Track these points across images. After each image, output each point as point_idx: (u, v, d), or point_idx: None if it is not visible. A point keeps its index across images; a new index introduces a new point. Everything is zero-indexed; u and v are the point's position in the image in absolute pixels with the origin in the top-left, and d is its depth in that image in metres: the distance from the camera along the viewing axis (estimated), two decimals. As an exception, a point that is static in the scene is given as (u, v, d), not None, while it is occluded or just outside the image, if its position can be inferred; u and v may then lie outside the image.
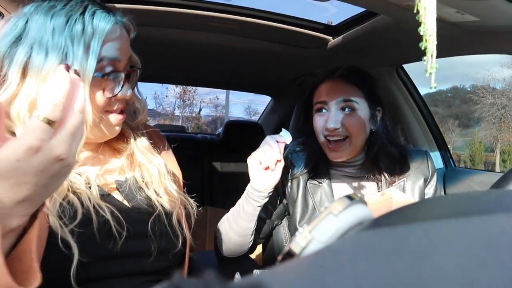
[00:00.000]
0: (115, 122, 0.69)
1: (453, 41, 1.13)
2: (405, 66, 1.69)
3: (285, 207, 1.04)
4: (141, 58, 0.73)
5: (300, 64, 1.89)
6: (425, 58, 0.43)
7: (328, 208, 0.28)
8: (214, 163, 2.60)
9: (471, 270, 0.17)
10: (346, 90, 0.95)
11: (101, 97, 0.64)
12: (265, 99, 3.14)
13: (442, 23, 0.97)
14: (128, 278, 0.65)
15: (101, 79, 0.63)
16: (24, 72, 0.59)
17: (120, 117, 0.69)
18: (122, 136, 0.75)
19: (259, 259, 1.23)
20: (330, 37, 1.53)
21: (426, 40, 0.43)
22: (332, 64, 1.06)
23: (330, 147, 0.95)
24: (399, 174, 0.98)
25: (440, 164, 1.68)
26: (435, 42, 0.43)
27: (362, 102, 0.95)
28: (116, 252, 0.62)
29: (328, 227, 0.27)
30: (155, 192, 0.72)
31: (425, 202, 0.34)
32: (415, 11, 0.44)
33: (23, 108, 0.58)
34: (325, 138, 0.95)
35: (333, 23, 1.54)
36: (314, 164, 1.00)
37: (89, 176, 0.66)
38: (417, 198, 0.99)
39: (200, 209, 0.79)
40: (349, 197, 0.29)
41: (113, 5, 0.74)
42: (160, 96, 22.33)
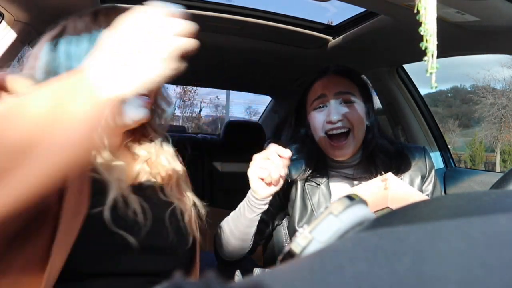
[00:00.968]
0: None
1: (454, 41, 1.13)
2: (406, 66, 1.69)
3: (285, 208, 1.03)
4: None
5: (301, 64, 1.89)
6: (426, 58, 0.43)
7: (329, 208, 0.28)
8: (215, 163, 2.60)
9: (471, 270, 0.17)
10: (343, 84, 0.96)
11: None
12: (266, 99, 3.14)
13: (443, 23, 0.96)
14: (135, 278, 0.64)
15: None
16: None
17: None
18: (144, 137, 0.78)
19: (260, 259, 1.22)
20: (331, 37, 1.53)
21: (427, 40, 0.43)
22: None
23: (333, 145, 0.93)
24: (396, 171, 0.97)
25: (441, 164, 1.68)
26: (436, 42, 0.43)
27: (358, 96, 0.96)
28: (131, 246, 0.62)
29: (329, 227, 0.27)
30: (171, 191, 0.75)
31: (425, 202, 0.34)
32: (416, 11, 0.44)
33: None
34: (326, 134, 0.94)
35: (334, 23, 1.54)
36: (313, 166, 0.99)
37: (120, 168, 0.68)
38: None
39: (208, 210, 0.80)
40: (349, 197, 0.29)
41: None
42: (160, 96, 22.25)
